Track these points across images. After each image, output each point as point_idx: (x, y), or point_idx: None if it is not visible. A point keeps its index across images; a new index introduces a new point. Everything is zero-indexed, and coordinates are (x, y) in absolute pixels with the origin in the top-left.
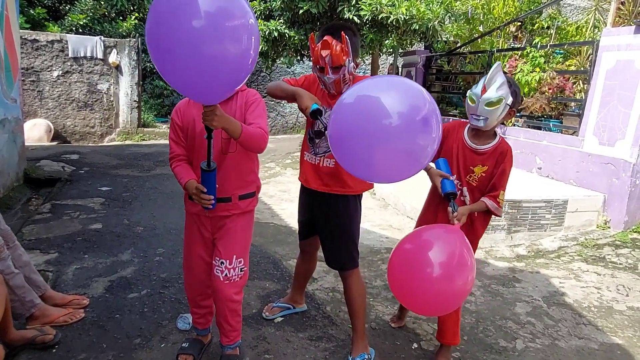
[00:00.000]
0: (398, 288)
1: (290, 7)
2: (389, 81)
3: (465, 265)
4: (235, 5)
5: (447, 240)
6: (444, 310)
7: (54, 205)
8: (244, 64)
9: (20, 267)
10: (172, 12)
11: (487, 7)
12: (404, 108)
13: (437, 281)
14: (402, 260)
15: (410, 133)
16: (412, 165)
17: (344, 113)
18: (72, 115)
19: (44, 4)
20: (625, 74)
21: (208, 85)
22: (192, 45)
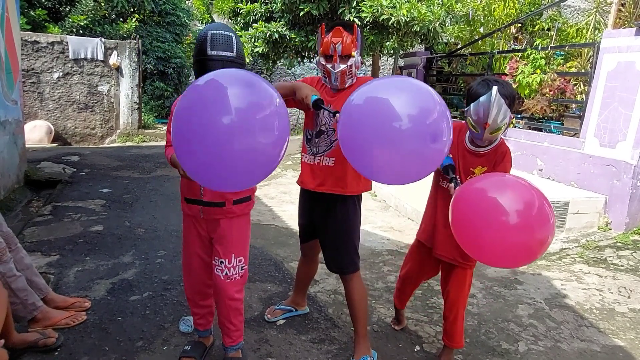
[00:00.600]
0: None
1: (291, 9)
2: (398, 82)
3: (548, 220)
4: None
5: (525, 191)
6: (517, 262)
7: (54, 207)
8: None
9: (22, 270)
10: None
11: (488, 8)
12: (414, 111)
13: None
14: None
15: (421, 136)
16: (425, 167)
17: (355, 114)
18: (73, 117)
19: (45, 6)
20: (626, 76)
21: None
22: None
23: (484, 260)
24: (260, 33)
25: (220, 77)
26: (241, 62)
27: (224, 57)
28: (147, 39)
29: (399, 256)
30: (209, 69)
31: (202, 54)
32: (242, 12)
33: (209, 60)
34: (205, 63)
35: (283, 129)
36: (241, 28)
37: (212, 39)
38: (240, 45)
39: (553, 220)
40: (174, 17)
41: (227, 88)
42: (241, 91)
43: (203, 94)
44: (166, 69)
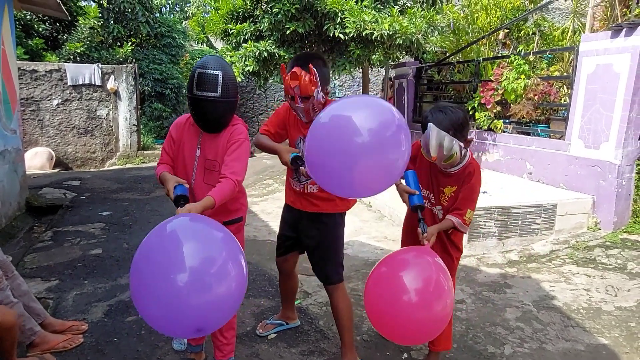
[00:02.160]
0: (376, 317)
1: (278, 27)
2: (359, 100)
3: (443, 290)
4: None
5: (422, 265)
6: (426, 338)
7: (55, 233)
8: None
9: (20, 296)
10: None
11: (471, 17)
12: (374, 125)
13: (415, 309)
14: (379, 290)
15: (382, 148)
16: (387, 179)
17: (319, 133)
18: (73, 142)
19: (42, 35)
20: (605, 78)
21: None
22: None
23: (401, 340)
24: (250, 52)
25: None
26: (227, 100)
27: (206, 97)
28: (144, 61)
29: None
30: (193, 107)
31: (190, 91)
32: (232, 32)
33: (194, 98)
34: (191, 100)
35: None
36: (233, 48)
37: (198, 78)
38: (229, 82)
39: (448, 286)
40: (169, 39)
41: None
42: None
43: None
44: (163, 90)
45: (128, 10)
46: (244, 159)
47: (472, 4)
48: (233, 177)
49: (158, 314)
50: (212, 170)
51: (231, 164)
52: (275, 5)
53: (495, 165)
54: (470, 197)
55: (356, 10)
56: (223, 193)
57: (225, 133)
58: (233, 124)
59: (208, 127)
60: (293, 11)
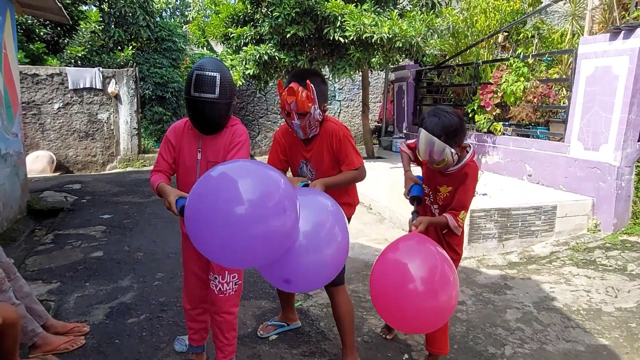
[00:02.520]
0: (381, 304)
1: (279, 31)
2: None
3: (448, 281)
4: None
5: (427, 255)
6: (430, 327)
7: (56, 236)
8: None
9: (22, 298)
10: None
11: (470, 21)
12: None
13: (420, 297)
14: (385, 277)
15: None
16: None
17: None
18: (74, 146)
19: (43, 39)
20: (604, 80)
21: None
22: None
23: (404, 328)
24: (250, 55)
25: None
26: (225, 102)
27: (205, 98)
28: (145, 65)
29: None
30: (191, 108)
31: (187, 93)
32: (233, 36)
33: (192, 100)
34: (189, 102)
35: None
36: (233, 51)
37: (195, 80)
38: (226, 84)
39: (454, 278)
40: (170, 43)
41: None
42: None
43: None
44: (164, 93)
45: (129, 14)
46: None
47: (471, 7)
48: None
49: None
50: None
51: None
52: (276, 9)
53: (495, 167)
54: (464, 198)
55: (356, 14)
56: None
57: (226, 134)
58: (232, 124)
59: (206, 128)
60: (293, 15)
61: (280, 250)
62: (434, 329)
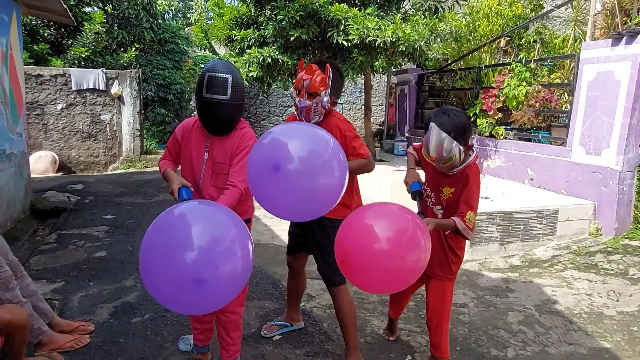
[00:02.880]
0: (347, 261)
1: (282, 34)
2: (297, 129)
3: (418, 244)
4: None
5: (399, 217)
6: (395, 288)
7: (59, 235)
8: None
9: (28, 296)
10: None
11: (473, 25)
12: (304, 153)
13: (386, 257)
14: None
15: (312, 175)
16: (323, 203)
17: (259, 153)
18: (77, 146)
19: (47, 40)
20: (606, 85)
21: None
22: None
23: (366, 287)
24: (254, 58)
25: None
26: (236, 103)
27: (216, 99)
28: (148, 67)
29: None
30: (203, 109)
31: (199, 94)
32: (237, 38)
33: (203, 101)
34: (200, 103)
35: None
36: (236, 54)
37: (208, 81)
38: (237, 85)
39: (424, 244)
40: (173, 44)
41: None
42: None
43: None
44: (167, 95)
45: (132, 16)
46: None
47: (474, 12)
48: (241, 186)
49: (165, 286)
50: (220, 174)
51: (239, 171)
52: (280, 13)
53: (496, 171)
54: (469, 199)
55: (359, 18)
56: (229, 202)
57: (234, 137)
58: (241, 127)
59: (216, 129)
60: (297, 18)
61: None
62: (399, 289)
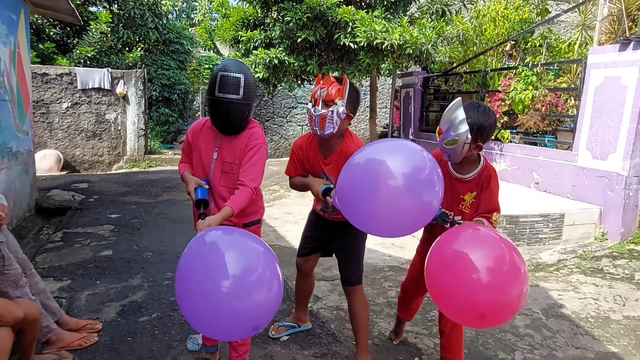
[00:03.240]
0: (441, 298)
1: (289, 35)
2: (392, 145)
3: (519, 273)
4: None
5: (492, 243)
6: (495, 322)
7: (65, 234)
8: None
9: (37, 294)
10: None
11: (479, 29)
12: (407, 169)
13: (488, 289)
14: (443, 267)
15: (414, 191)
16: (420, 219)
17: (353, 173)
18: (81, 145)
19: (53, 39)
20: (613, 90)
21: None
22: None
23: (466, 322)
24: (260, 59)
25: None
26: (248, 103)
27: (229, 99)
28: (152, 67)
29: (400, 272)
30: (215, 109)
31: (211, 93)
32: (243, 39)
33: (215, 100)
34: (212, 103)
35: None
36: (242, 55)
37: (220, 81)
38: (249, 85)
39: (524, 270)
40: (177, 45)
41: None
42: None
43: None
44: (171, 95)
45: (138, 16)
46: (261, 165)
47: (480, 16)
48: (251, 185)
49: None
50: (229, 173)
51: (249, 170)
52: (287, 14)
53: (502, 174)
54: (493, 199)
55: (367, 20)
56: (240, 202)
57: (243, 136)
58: (250, 127)
59: (227, 129)
60: (304, 20)
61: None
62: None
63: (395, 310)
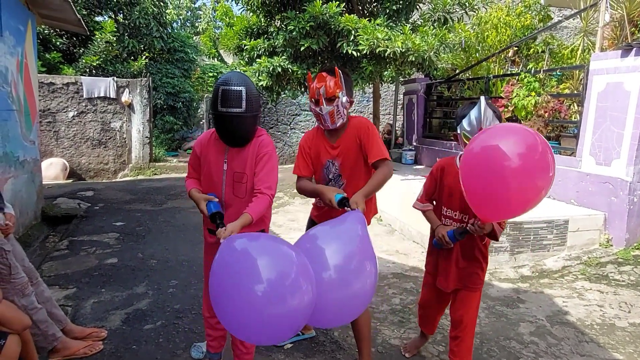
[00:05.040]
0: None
1: (292, 44)
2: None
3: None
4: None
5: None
6: (522, 210)
7: (71, 242)
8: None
9: (43, 303)
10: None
11: (482, 36)
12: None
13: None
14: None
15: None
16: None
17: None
18: (87, 153)
19: (59, 48)
20: (616, 96)
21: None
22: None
23: (489, 213)
24: (264, 67)
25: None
26: (252, 115)
27: (232, 112)
28: (157, 75)
29: (404, 279)
30: (219, 123)
31: (214, 108)
32: (246, 48)
33: (219, 115)
34: (216, 117)
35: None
36: (246, 63)
37: (222, 95)
38: (252, 96)
39: (553, 172)
40: (182, 53)
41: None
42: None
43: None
44: (175, 103)
45: (143, 25)
46: (275, 171)
47: (482, 23)
48: (269, 192)
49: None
50: (240, 183)
51: (265, 178)
52: (291, 23)
53: None
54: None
55: (369, 28)
56: (259, 209)
57: (252, 145)
58: (258, 135)
59: (234, 141)
60: (307, 28)
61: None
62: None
63: (399, 318)
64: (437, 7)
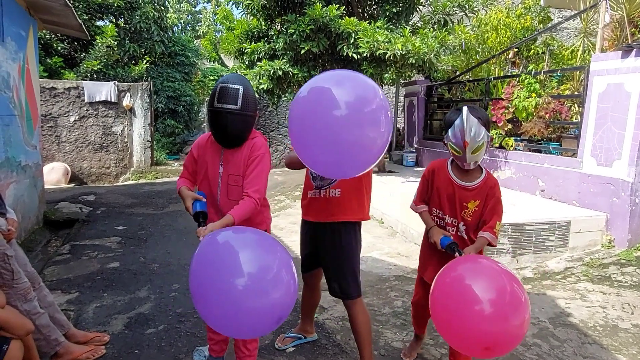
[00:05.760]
0: (446, 330)
1: (293, 47)
2: (342, 75)
3: (520, 302)
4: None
5: (492, 273)
6: (501, 352)
7: (73, 246)
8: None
9: (45, 307)
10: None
11: (482, 37)
12: (352, 99)
13: (491, 321)
14: (447, 300)
15: (359, 125)
16: (365, 157)
17: (299, 105)
18: (89, 158)
19: (60, 53)
20: (616, 97)
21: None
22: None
23: (472, 353)
24: (264, 71)
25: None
26: (247, 114)
27: (226, 109)
28: (158, 79)
29: (406, 281)
30: (214, 120)
31: (210, 105)
32: (247, 51)
33: (214, 111)
34: (212, 114)
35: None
36: (247, 66)
37: (219, 92)
38: (248, 97)
39: (525, 298)
40: (183, 57)
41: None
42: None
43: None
44: (176, 107)
45: (144, 29)
46: (265, 175)
47: (482, 25)
48: (255, 196)
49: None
50: (234, 186)
51: (253, 182)
52: (291, 26)
53: (507, 182)
54: (497, 208)
55: (369, 31)
56: (243, 212)
57: (246, 147)
58: (252, 137)
59: (227, 141)
60: (308, 31)
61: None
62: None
63: (401, 321)
64: (437, 10)
